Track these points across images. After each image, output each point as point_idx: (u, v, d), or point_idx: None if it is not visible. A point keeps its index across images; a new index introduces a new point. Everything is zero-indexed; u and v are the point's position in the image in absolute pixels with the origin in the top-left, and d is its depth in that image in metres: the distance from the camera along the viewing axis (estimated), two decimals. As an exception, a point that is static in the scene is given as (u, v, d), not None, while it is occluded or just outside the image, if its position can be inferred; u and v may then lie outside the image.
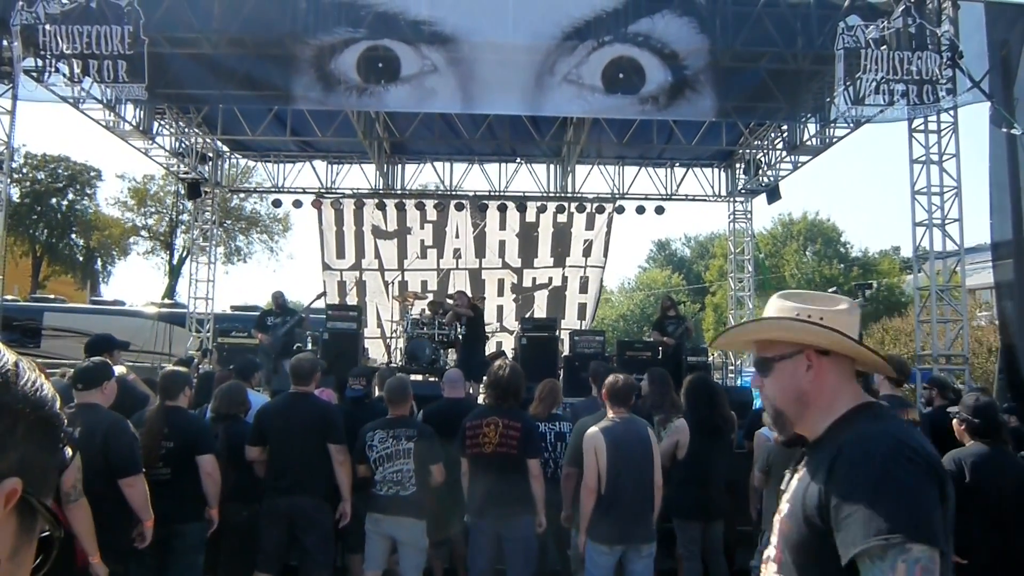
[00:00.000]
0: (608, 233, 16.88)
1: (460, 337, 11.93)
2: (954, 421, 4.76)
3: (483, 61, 10.36)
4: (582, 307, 17.19)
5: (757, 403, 7.94)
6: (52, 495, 0.84)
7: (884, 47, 9.88)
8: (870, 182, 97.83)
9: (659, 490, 5.03)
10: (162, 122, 14.83)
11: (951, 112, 10.98)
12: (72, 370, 5.13)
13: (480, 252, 16.94)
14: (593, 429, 5.05)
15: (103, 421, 4.40)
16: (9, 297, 20.91)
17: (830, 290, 31.35)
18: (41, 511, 0.80)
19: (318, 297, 12.77)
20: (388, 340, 15.05)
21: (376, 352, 15.45)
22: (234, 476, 5.57)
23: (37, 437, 0.80)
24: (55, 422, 0.83)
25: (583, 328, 16.15)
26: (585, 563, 5.09)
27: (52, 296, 25.95)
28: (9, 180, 12.79)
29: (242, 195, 30.50)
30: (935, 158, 11.27)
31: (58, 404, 0.84)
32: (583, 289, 17.16)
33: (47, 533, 0.82)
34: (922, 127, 11.28)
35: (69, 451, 0.87)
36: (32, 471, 0.79)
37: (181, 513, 5.04)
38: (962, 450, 4.56)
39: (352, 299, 16.60)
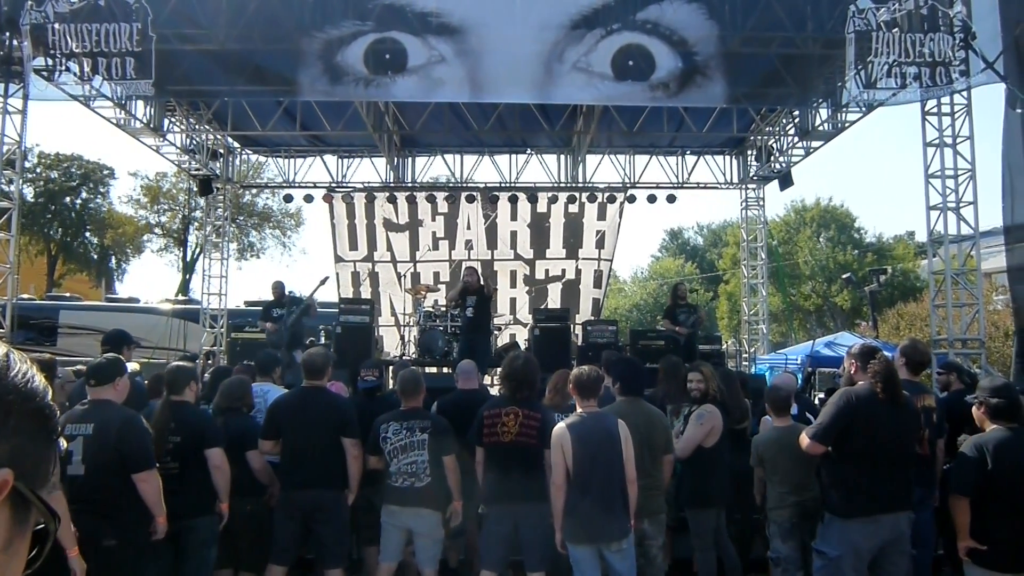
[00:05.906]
0: (619, 224, 16.83)
1: (467, 318, 11.11)
2: (973, 407, 4.68)
3: (491, 51, 10.31)
4: (596, 302, 17.12)
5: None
6: (47, 487, 0.83)
7: (896, 29, 9.76)
8: (883, 166, 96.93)
9: (632, 484, 4.94)
10: (173, 119, 14.87)
11: (964, 94, 10.83)
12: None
13: (492, 244, 16.92)
14: (560, 426, 4.98)
15: (116, 417, 4.42)
16: (25, 296, 21.08)
17: (843, 276, 31.19)
18: (35, 502, 0.79)
19: (321, 283, 12.29)
20: (402, 330, 15.03)
21: (391, 341, 15.47)
22: (235, 471, 5.50)
23: (29, 428, 0.80)
24: (47, 413, 0.82)
25: (596, 322, 16.09)
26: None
27: (68, 294, 26.18)
28: (22, 180, 12.85)
29: (254, 191, 30.60)
30: (949, 141, 11.13)
31: (50, 396, 0.83)
32: (597, 284, 17.10)
33: (42, 526, 0.81)
34: (935, 110, 11.14)
35: (63, 443, 0.86)
36: (24, 463, 0.78)
37: (190, 508, 5.05)
38: (983, 436, 4.47)
39: (366, 289, 16.64)
